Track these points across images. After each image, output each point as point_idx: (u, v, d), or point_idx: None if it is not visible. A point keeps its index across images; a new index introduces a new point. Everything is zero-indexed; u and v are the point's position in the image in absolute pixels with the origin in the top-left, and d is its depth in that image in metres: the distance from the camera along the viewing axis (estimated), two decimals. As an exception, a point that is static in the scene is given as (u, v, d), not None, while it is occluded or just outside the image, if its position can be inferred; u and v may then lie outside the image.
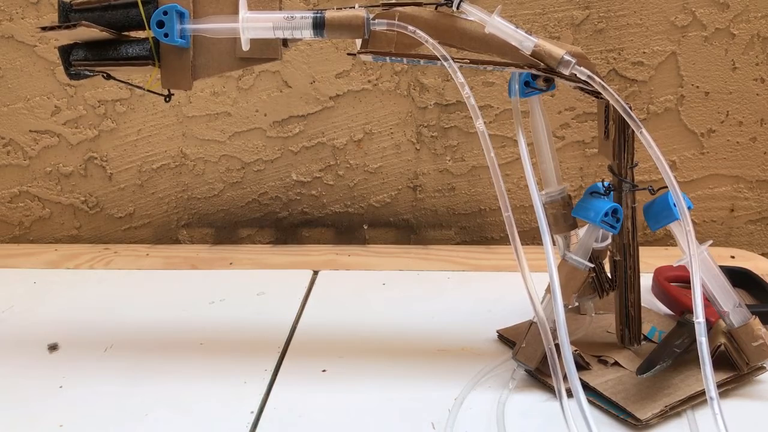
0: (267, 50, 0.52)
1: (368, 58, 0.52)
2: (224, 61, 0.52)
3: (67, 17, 0.52)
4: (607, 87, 0.49)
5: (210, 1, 0.51)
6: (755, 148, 0.84)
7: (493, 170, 0.47)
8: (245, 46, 0.50)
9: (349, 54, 0.53)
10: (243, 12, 0.49)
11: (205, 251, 0.86)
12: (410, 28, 0.49)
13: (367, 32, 0.50)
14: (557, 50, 0.49)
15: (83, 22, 0.49)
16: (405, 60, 0.51)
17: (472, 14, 0.50)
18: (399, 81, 0.83)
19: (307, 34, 0.50)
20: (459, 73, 0.48)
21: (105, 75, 0.53)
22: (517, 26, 0.50)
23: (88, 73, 0.53)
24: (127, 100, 0.85)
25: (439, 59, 0.49)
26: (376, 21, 0.50)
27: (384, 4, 0.51)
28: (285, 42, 0.53)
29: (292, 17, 0.49)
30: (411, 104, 0.84)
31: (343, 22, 0.49)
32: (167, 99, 0.54)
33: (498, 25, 0.50)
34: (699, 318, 0.45)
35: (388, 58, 0.51)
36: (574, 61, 0.49)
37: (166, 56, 0.52)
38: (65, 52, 0.53)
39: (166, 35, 0.49)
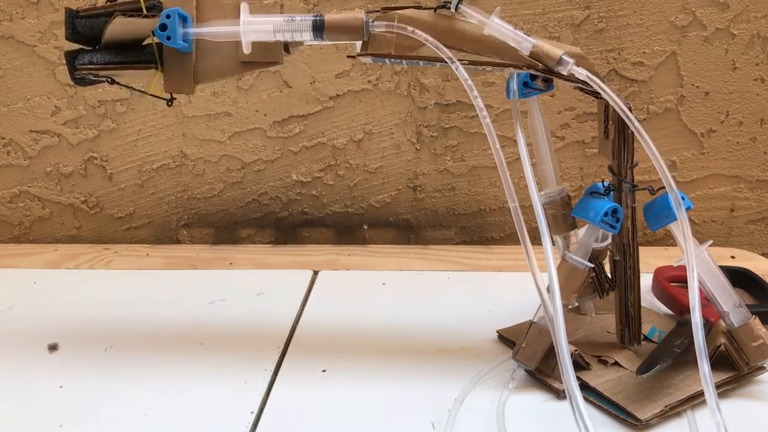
0: (268, 54, 0.52)
1: (368, 60, 0.52)
2: (227, 66, 0.52)
3: (74, 24, 0.52)
4: (606, 88, 0.49)
5: (212, 7, 0.51)
6: (755, 148, 0.84)
7: (498, 161, 0.47)
8: (246, 50, 0.50)
9: (349, 56, 0.53)
10: (244, 16, 0.50)
11: (205, 251, 0.86)
12: (409, 28, 0.49)
13: (366, 34, 0.50)
14: (555, 50, 0.49)
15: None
16: (404, 62, 0.52)
17: (472, 16, 0.50)
18: (399, 81, 0.83)
19: (307, 36, 0.50)
20: (462, 69, 0.48)
21: (109, 80, 0.54)
22: (516, 27, 0.50)
23: (93, 78, 0.53)
24: (127, 100, 0.85)
25: (437, 60, 0.49)
26: (375, 23, 0.50)
27: (383, 8, 0.51)
28: (287, 48, 0.53)
29: (292, 20, 0.50)
30: (411, 104, 0.84)
31: (342, 25, 0.50)
32: (169, 103, 0.54)
33: (497, 27, 0.50)
34: (695, 314, 0.45)
35: (387, 60, 0.51)
36: (572, 61, 0.49)
37: (169, 61, 0.52)
38: (71, 57, 0.53)
39: (168, 38, 0.49)
